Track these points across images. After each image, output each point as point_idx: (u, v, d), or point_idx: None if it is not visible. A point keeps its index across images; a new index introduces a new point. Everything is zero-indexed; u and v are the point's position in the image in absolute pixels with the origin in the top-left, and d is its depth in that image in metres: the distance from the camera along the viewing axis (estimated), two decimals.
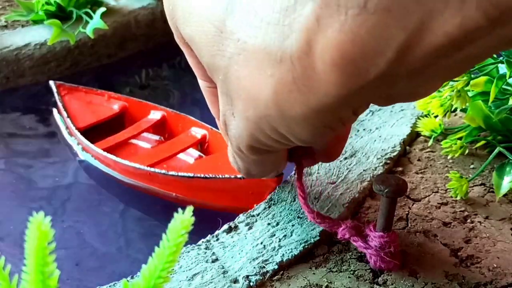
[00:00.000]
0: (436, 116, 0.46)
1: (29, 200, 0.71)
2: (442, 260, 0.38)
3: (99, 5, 0.95)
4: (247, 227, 0.41)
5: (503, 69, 0.45)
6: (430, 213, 0.43)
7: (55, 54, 0.90)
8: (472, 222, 0.42)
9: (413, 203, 0.44)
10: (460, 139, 0.48)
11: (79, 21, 0.92)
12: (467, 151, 0.48)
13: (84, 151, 0.75)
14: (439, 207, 0.44)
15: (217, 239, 0.40)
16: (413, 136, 0.52)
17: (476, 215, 0.43)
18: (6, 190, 0.73)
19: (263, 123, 0.27)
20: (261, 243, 0.39)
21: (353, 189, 0.44)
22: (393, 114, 0.55)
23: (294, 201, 0.43)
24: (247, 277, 0.36)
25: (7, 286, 0.22)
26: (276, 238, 0.40)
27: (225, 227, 0.41)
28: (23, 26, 0.94)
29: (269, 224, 0.41)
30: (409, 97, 0.27)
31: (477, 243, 0.40)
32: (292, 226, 0.41)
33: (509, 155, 0.45)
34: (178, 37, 0.32)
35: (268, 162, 0.36)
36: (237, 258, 0.38)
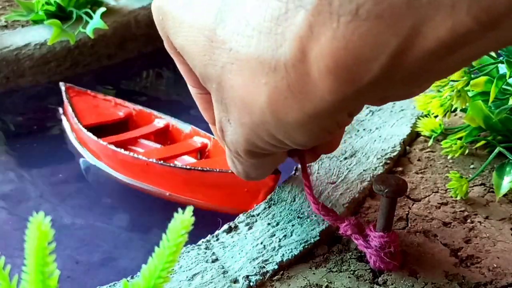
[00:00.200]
0: (436, 116, 0.46)
1: (29, 199, 0.71)
2: (442, 260, 0.38)
3: (99, 5, 0.95)
4: (247, 227, 0.41)
5: (503, 69, 0.45)
6: (430, 213, 0.43)
7: (55, 54, 0.90)
8: (472, 222, 0.42)
9: (413, 203, 0.44)
10: (460, 139, 0.48)
11: (79, 21, 0.92)
12: (467, 151, 0.48)
13: (85, 148, 0.75)
14: (439, 207, 0.44)
15: (217, 239, 0.40)
16: (413, 136, 0.52)
17: (476, 215, 0.43)
18: (5, 190, 0.73)
19: (259, 129, 0.28)
20: (261, 243, 0.39)
21: (353, 189, 0.44)
22: (393, 114, 0.55)
23: (294, 201, 0.43)
24: (247, 277, 0.36)
25: (7, 286, 0.22)
26: (276, 238, 0.40)
27: (225, 227, 0.41)
28: (23, 26, 0.94)
29: (269, 224, 0.41)
30: (404, 97, 0.28)
31: (477, 243, 0.40)
32: (292, 226, 0.41)
33: (509, 155, 0.45)
34: (169, 46, 0.32)
35: (267, 164, 0.36)
36: (237, 258, 0.38)
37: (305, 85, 0.24)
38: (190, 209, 0.22)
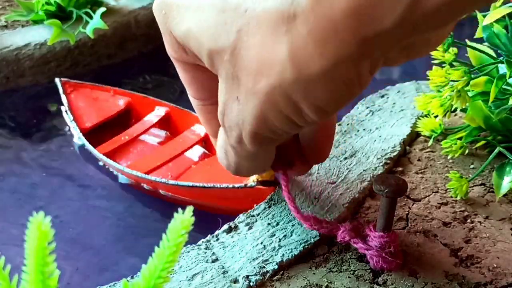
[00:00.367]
0: (436, 116, 0.46)
1: (29, 200, 0.71)
2: (442, 260, 0.38)
3: (99, 5, 0.95)
4: (247, 227, 0.41)
5: (503, 69, 0.45)
6: (430, 213, 0.43)
7: (55, 54, 0.90)
8: (472, 222, 0.42)
9: (413, 203, 0.44)
10: (460, 139, 0.48)
11: (79, 21, 0.92)
12: (467, 151, 0.48)
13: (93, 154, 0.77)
14: (439, 207, 0.44)
15: (217, 239, 0.40)
16: (413, 136, 0.52)
17: (476, 215, 0.43)
18: (5, 190, 0.73)
19: (276, 93, 0.27)
20: (261, 243, 0.39)
21: (353, 189, 0.44)
22: (393, 114, 0.55)
23: (294, 201, 0.43)
24: (247, 277, 0.36)
25: (7, 286, 0.22)
26: (276, 238, 0.40)
27: (225, 227, 0.41)
28: (23, 26, 0.94)
29: (269, 224, 0.41)
30: (422, 49, 0.28)
31: (477, 243, 0.40)
32: (292, 226, 0.41)
33: (509, 155, 0.45)
34: (172, 49, 0.32)
35: (262, 157, 0.35)
36: (237, 258, 0.38)
37: (325, 29, 0.24)
38: (190, 209, 0.22)
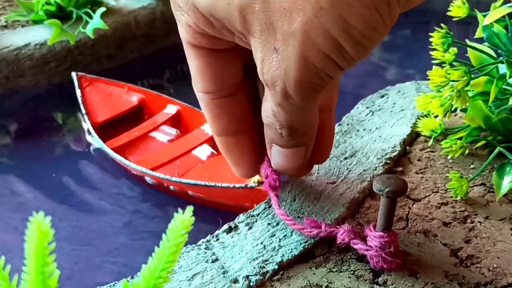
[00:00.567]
0: (436, 116, 0.46)
1: (28, 200, 0.71)
2: (442, 260, 0.38)
3: (99, 5, 0.95)
4: (247, 227, 0.41)
5: (503, 69, 0.45)
6: (430, 213, 0.43)
7: (55, 54, 0.90)
8: (472, 222, 0.42)
9: (413, 203, 0.44)
10: (460, 139, 0.48)
11: (79, 21, 0.92)
12: (467, 151, 0.48)
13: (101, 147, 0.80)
14: (439, 207, 0.44)
15: (217, 239, 0.40)
16: (413, 136, 0.52)
17: (476, 215, 0.43)
18: (5, 190, 0.73)
19: (314, 28, 0.28)
20: (261, 243, 0.39)
21: (353, 189, 0.44)
22: (393, 114, 0.55)
23: (294, 201, 0.43)
24: (247, 277, 0.36)
25: (7, 286, 0.22)
26: (276, 238, 0.40)
27: (225, 227, 0.41)
28: (23, 26, 0.94)
29: (269, 224, 0.41)
30: None
31: (477, 243, 0.40)
32: None
33: (509, 155, 0.45)
34: (194, 24, 0.32)
35: (311, 108, 0.34)
36: (237, 258, 0.38)
37: None
38: (190, 209, 0.22)
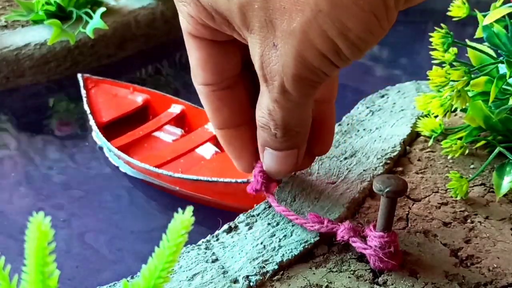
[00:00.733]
0: (436, 116, 0.46)
1: (28, 200, 0.71)
2: (442, 260, 0.38)
3: (99, 5, 0.95)
4: (247, 227, 0.41)
5: (503, 69, 0.45)
6: (430, 213, 0.43)
7: (55, 54, 0.90)
8: (472, 222, 0.42)
9: (413, 203, 0.44)
10: (460, 139, 0.48)
11: (79, 21, 0.92)
12: (467, 151, 0.48)
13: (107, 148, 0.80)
14: (439, 207, 0.44)
15: (217, 239, 0.40)
16: (413, 136, 0.52)
17: (476, 215, 0.43)
18: (5, 190, 0.73)
19: (312, 29, 0.28)
20: (261, 243, 0.39)
21: (353, 189, 0.44)
22: (393, 114, 0.55)
23: (294, 201, 0.43)
24: (247, 277, 0.36)
25: (7, 286, 0.22)
26: (276, 238, 0.40)
27: (225, 227, 0.41)
28: (23, 26, 0.94)
29: (269, 224, 0.41)
30: None
31: (477, 243, 0.40)
32: (292, 226, 0.40)
33: (509, 155, 0.45)
34: (195, 16, 0.32)
35: (307, 106, 0.35)
36: (237, 258, 0.38)
37: None
38: (190, 209, 0.22)
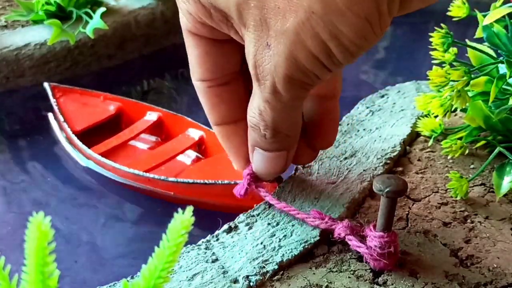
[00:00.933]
0: (436, 116, 0.46)
1: (28, 200, 0.71)
2: (442, 260, 0.38)
3: (99, 5, 0.95)
4: (247, 227, 0.41)
5: (503, 69, 0.45)
6: (430, 213, 0.43)
7: (55, 54, 0.90)
8: (472, 222, 0.42)
9: (413, 203, 0.44)
10: (460, 139, 0.48)
11: (79, 21, 0.92)
12: (467, 151, 0.48)
13: (83, 156, 0.75)
14: (439, 207, 0.44)
15: (217, 239, 0.40)
16: (413, 136, 0.52)
17: (476, 215, 0.43)
18: (5, 190, 0.73)
19: (305, 30, 0.28)
20: (261, 243, 0.39)
21: (353, 189, 0.44)
22: (393, 114, 0.55)
23: (294, 201, 0.43)
24: (247, 277, 0.36)
25: (7, 286, 0.22)
26: (276, 238, 0.40)
27: (225, 227, 0.41)
28: (23, 26, 0.94)
29: (269, 224, 0.41)
30: None
31: (477, 243, 0.40)
32: (292, 226, 0.41)
33: (509, 155, 0.45)
34: (195, 14, 0.32)
35: (297, 109, 0.35)
36: (237, 258, 0.38)
37: None
38: (190, 209, 0.22)
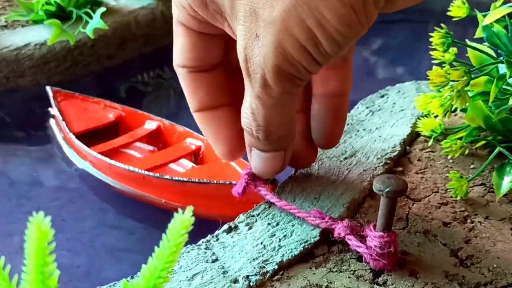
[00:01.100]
0: (436, 116, 0.46)
1: (28, 201, 0.71)
2: (442, 260, 0.38)
3: (99, 5, 0.95)
4: (247, 227, 0.41)
5: (503, 69, 0.45)
6: (430, 213, 0.43)
7: (55, 54, 0.90)
8: (472, 222, 0.42)
9: (413, 203, 0.44)
10: (460, 139, 0.48)
11: (79, 21, 0.92)
12: (467, 151, 0.48)
13: (78, 155, 0.74)
14: (439, 207, 0.44)
15: (217, 239, 0.40)
16: (413, 136, 0.52)
17: (476, 215, 0.43)
18: (5, 192, 0.73)
19: (291, 18, 0.29)
20: (261, 243, 0.39)
21: (353, 189, 0.44)
22: (393, 114, 0.55)
23: (294, 201, 0.43)
24: (247, 277, 0.36)
25: (7, 286, 0.22)
26: (276, 238, 0.40)
27: (225, 227, 0.41)
28: (23, 26, 0.94)
29: (269, 224, 0.41)
30: None
31: (477, 243, 0.40)
32: (292, 226, 0.41)
33: (509, 155, 0.45)
34: (190, 5, 0.33)
35: (289, 106, 0.36)
36: (237, 258, 0.38)
37: None
38: (190, 209, 0.22)
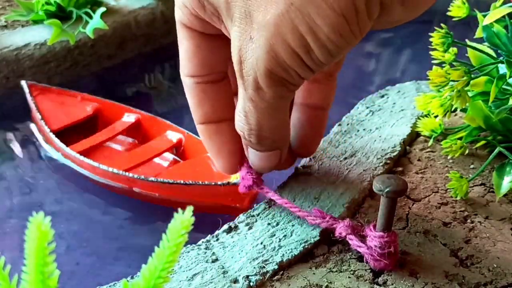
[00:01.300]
0: (436, 116, 0.46)
1: (28, 200, 0.71)
2: (442, 260, 0.38)
3: (99, 5, 0.95)
4: (247, 227, 0.41)
5: (503, 69, 0.45)
6: (430, 213, 0.43)
7: (55, 54, 0.90)
8: (472, 222, 0.42)
9: (413, 203, 0.44)
10: (460, 139, 0.48)
11: (79, 21, 0.92)
12: (467, 151, 0.48)
13: (61, 154, 0.74)
14: (439, 207, 0.44)
15: (217, 239, 0.40)
16: (413, 136, 0.52)
17: (476, 215, 0.43)
18: (5, 192, 0.73)
19: (285, 22, 0.29)
20: (261, 243, 0.39)
21: (353, 189, 0.44)
22: (393, 114, 0.55)
23: (294, 201, 0.43)
24: (247, 277, 0.36)
25: (7, 286, 0.22)
26: (276, 238, 0.40)
27: (225, 227, 0.41)
28: (23, 26, 0.94)
29: (269, 224, 0.41)
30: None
31: (477, 243, 0.40)
32: (292, 226, 0.41)
33: (509, 155, 0.45)
34: (189, 6, 0.33)
35: (281, 111, 0.35)
36: (237, 258, 0.38)
37: None
38: (190, 209, 0.22)
